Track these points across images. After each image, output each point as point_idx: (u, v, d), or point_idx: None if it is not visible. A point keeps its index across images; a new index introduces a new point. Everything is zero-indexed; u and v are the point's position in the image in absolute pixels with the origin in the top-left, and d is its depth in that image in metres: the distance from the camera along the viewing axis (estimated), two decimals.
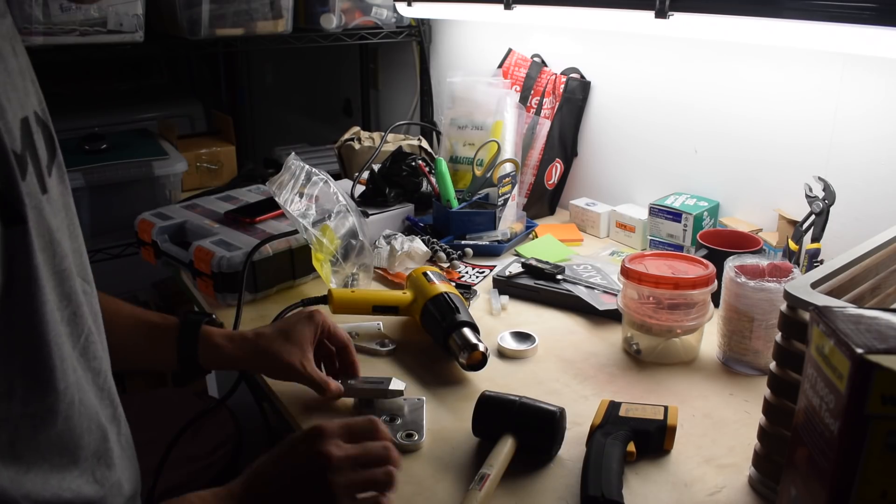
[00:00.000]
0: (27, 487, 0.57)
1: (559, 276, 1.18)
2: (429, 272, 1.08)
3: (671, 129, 1.40)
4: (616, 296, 1.05)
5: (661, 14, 1.10)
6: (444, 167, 1.39)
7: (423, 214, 1.47)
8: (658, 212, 1.30)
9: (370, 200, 1.42)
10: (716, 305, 0.98)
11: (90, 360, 0.67)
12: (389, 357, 1.01)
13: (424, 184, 1.48)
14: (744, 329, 0.93)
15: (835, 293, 0.69)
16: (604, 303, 1.11)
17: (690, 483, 0.75)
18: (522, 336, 1.04)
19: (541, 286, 1.17)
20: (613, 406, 0.82)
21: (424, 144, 1.72)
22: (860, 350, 0.48)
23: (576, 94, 1.54)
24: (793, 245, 1.10)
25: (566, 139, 1.57)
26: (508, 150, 1.46)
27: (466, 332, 0.95)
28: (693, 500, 0.72)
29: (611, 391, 0.91)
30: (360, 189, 1.46)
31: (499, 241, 1.36)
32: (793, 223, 1.15)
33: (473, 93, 1.52)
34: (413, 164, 1.46)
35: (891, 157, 1.06)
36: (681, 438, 0.80)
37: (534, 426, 0.78)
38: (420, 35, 2.00)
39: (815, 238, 1.07)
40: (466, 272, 1.28)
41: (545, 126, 1.53)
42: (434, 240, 1.33)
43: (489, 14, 1.51)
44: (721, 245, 1.09)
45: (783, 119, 1.19)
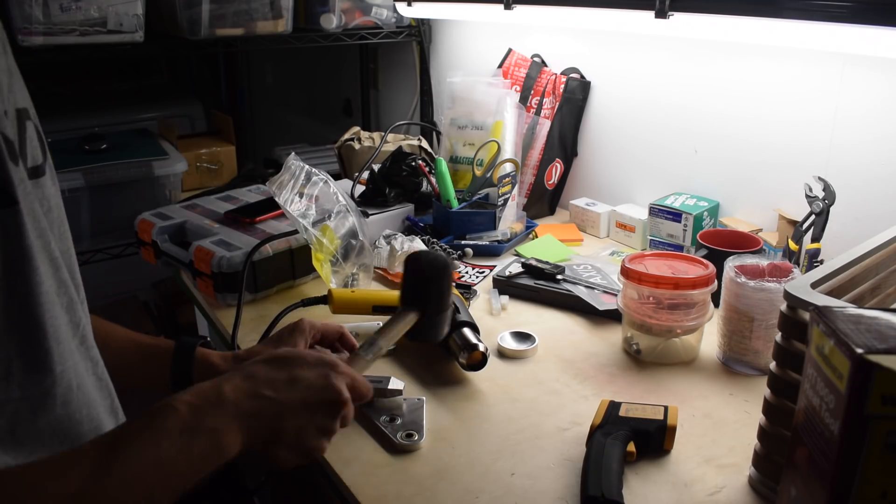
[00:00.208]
0: None
1: (559, 276, 1.18)
2: None
3: (671, 129, 1.40)
4: (616, 296, 1.05)
5: (661, 14, 1.10)
6: (444, 167, 1.39)
7: (423, 214, 1.47)
8: (658, 212, 1.30)
9: (370, 200, 1.42)
10: (716, 305, 0.98)
11: (89, 350, 0.67)
12: (389, 357, 1.01)
13: (424, 184, 1.48)
14: (744, 329, 0.93)
15: (835, 293, 0.69)
16: (604, 303, 1.11)
17: (690, 483, 0.75)
18: (522, 336, 1.04)
19: (541, 286, 1.17)
20: (613, 406, 0.82)
21: (424, 144, 1.72)
22: (860, 350, 0.48)
23: (576, 94, 1.54)
24: (793, 245, 1.10)
25: (566, 139, 1.57)
26: (508, 150, 1.46)
27: (466, 332, 0.95)
28: (693, 500, 0.72)
29: (611, 391, 0.91)
30: (360, 189, 1.46)
31: (499, 241, 1.36)
32: (793, 223, 1.15)
33: (473, 93, 1.52)
34: (413, 164, 1.46)
35: (891, 158, 1.06)
36: (681, 438, 0.80)
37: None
38: (420, 35, 2.00)
39: (815, 238, 1.07)
40: (466, 272, 1.28)
41: (545, 126, 1.53)
42: (434, 240, 1.33)
43: (489, 14, 1.51)
44: (721, 245, 1.09)
45: (783, 119, 1.19)
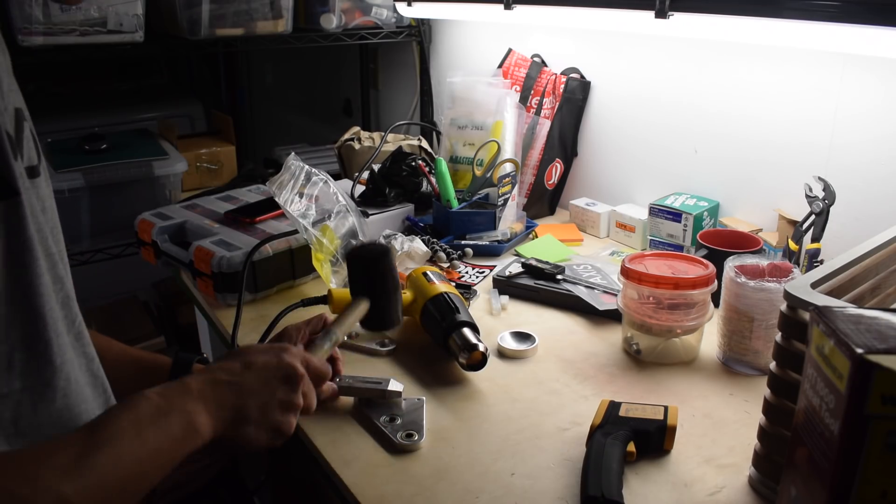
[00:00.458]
0: None
1: (559, 276, 1.18)
2: (428, 272, 1.08)
3: (671, 129, 1.40)
4: (616, 296, 1.05)
5: (661, 14, 1.10)
6: (444, 167, 1.39)
7: (423, 214, 1.47)
8: (658, 212, 1.30)
9: (370, 200, 1.42)
10: (716, 305, 0.98)
11: (84, 346, 0.68)
12: (389, 357, 1.01)
13: (424, 184, 1.48)
14: (744, 329, 0.93)
15: (835, 293, 0.69)
16: (604, 303, 1.11)
17: (690, 483, 0.75)
18: (522, 336, 1.04)
19: (541, 286, 1.17)
20: (613, 406, 0.82)
21: (424, 144, 1.72)
22: (860, 350, 0.48)
23: (576, 94, 1.54)
24: (793, 245, 1.10)
25: (566, 139, 1.57)
26: (508, 150, 1.46)
27: (466, 332, 0.95)
28: (693, 500, 0.72)
29: (611, 391, 0.91)
30: (360, 189, 1.46)
31: (499, 241, 1.36)
32: (793, 223, 1.15)
33: (473, 93, 1.52)
34: (413, 164, 1.46)
35: (891, 157, 1.06)
36: (681, 438, 0.80)
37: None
38: (420, 35, 2.00)
39: (815, 238, 1.07)
40: (466, 272, 1.28)
41: (545, 126, 1.53)
42: (434, 240, 1.33)
43: (489, 14, 1.51)
44: (721, 245, 1.09)
45: (783, 119, 1.19)
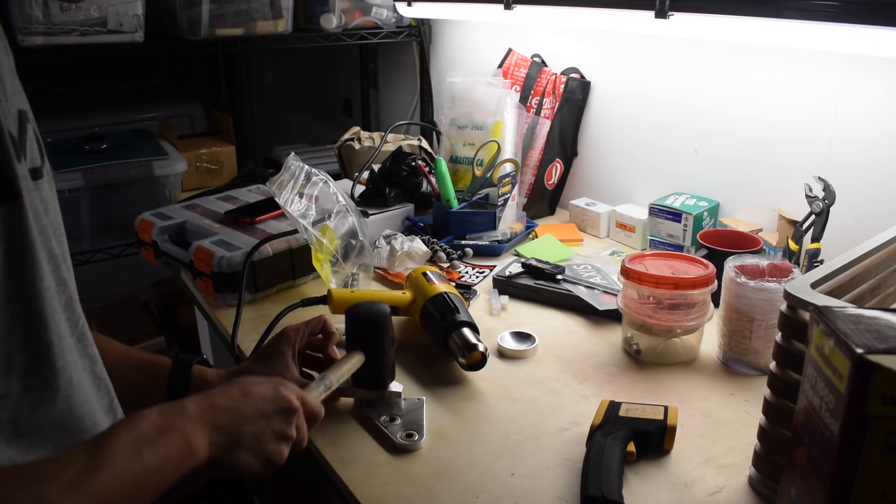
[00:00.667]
0: None
1: (559, 276, 1.18)
2: (428, 272, 1.08)
3: (671, 129, 1.39)
4: (616, 296, 1.05)
5: (661, 14, 1.10)
6: (444, 167, 1.39)
7: (423, 214, 1.47)
8: (658, 212, 1.30)
9: (370, 200, 1.42)
10: (716, 305, 0.98)
11: (87, 348, 0.67)
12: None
13: (424, 184, 1.48)
14: (744, 329, 0.93)
15: (835, 293, 0.69)
16: (604, 303, 1.11)
17: (690, 483, 0.75)
18: (522, 336, 1.04)
19: (541, 286, 1.17)
20: (613, 406, 0.82)
21: (424, 144, 1.72)
22: (860, 350, 0.48)
23: (576, 94, 1.54)
24: (793, 245, 1.10)
25: (566, 139, 1.57)
26: (508, 150, 1.46)
27: (466, 332, 0.95)
28: (693, 500, 0.72)
29: (611, 391, 0.91)
30: (360, 189, 1.46)
31: (499, 241, 1.36)
32: (793, 223, 1.15)
33: (473, 93, 1.52)
34: (413, 164, 1.46)
35: (891, 157, 1.06)
36: (681, 438, 0.80)
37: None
38: (420, 35, 2.00)
39: (815, 238, 1.07)
40: (466, 272, 1.28)
41: (545, 126, 1.53)
42: (434, 240, 1.33)
43: (489, 14, 1.51)
44: (721, 245, 1.09)
45: (783, 119, 1.19)
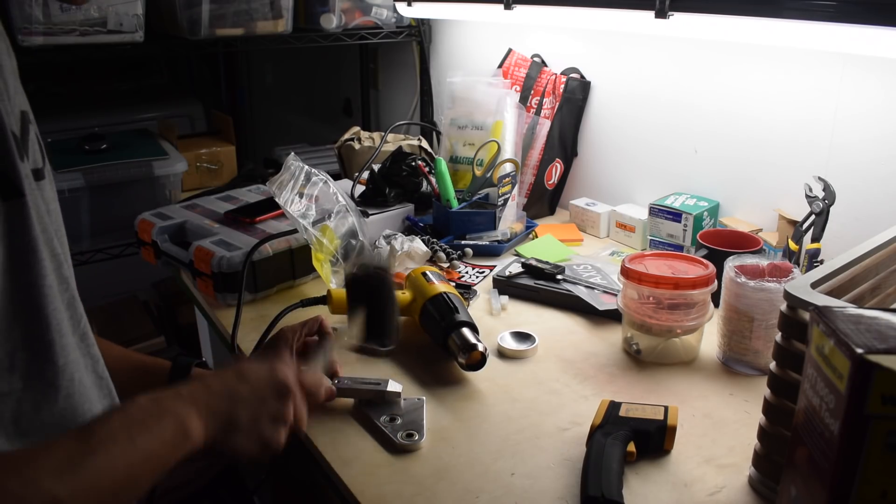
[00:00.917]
0: None
1: (559, 276, 1.18)
2: (428, 272, 1.08)
3: (671, 129, 1.39)
4: (616, 296, 1.05)
5: (661, 14, 1.10)
6: (444, 167, 1.39)
7: (423, 214, 1.47)
8: (658, 212, 1.30)
9: (370, 200, 1.42)
10: (716, 305, 0.98)
11: (89, 347, 0.68)
12: (389, 357, 1.01)
13: (424, 184, 1.48)
14: (744, 329, 0.93)
15: (835, 293, 0.69)
16: (604, 303, 1.11)
17: (690, 483, 0.75)
18: (522, 336, 1.04)
19: (541, 286, 1.17)
20: (614, 406, 0.82)
21: (424, 144, 1.72)
22: (860, 350, 0.48)
23: (576, 94, 1.54)
24: (793, 245, 1.10)
25: (566, 139, 1.57)
26: (508, 150, 1.46)
27: (465, 332, 0.95)
28: (693, 500, 0.72)
29: (611, 391, 0.91)
30: (360, 189, 1.46)
31: (499, 241, 1.36)
32: (793, 223, 1.15)
33: (473, 93, 1.52)
34: (413, 164, 1.46)
35: (891, 157, 1.06)
36: (681, 438, 0.80)
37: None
38: (420, 35, 2.00)
39: (815, 238, 1.07)
40: (466, 272, 1.28)
41: (545, 126, 1.53)
42: (434, 240, 1.33)
43: (489, 14, 1.51)
44: (721, 245, 1.09)
45: (783, 119, 1.19)
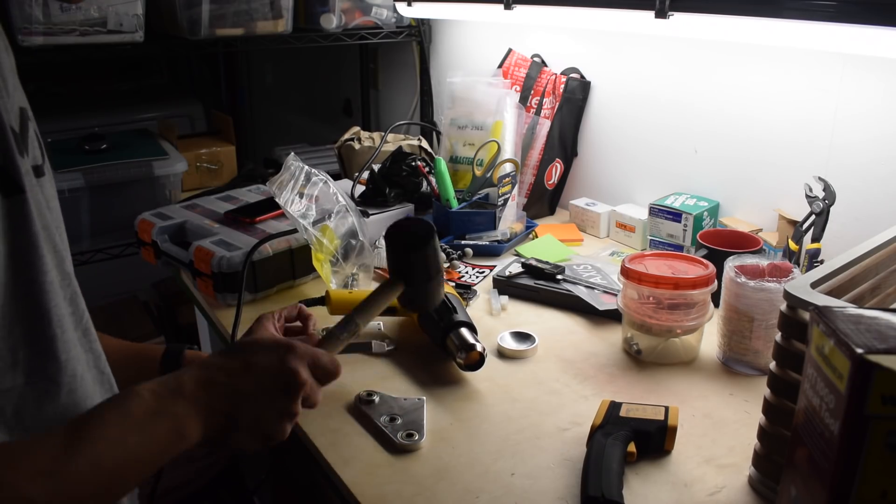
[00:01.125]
0: None
1: (559, 276, 1.18)
2: None
3: (671, 129, 1.39)
4: (616, 296, 1.05)
5: (661, 14, 1.10)
6: (444, 167, 1.39)
7: (423, 214, 1.47)
8: (658, 212, 1.30)
9: (370, 200, 1.42)
10: (716, 305, 0.98)
11: (92, 343, 0.68)
12: (389, 357, 1.01)
13: (424, 184, 1.48)
14: (744, 329, 0.93)
15: (835, 293, 0.69)
16: (604, 303, 1.11)
17: (690, 483, 0.75)
18: (522, 336, 1.04)
19: (541, 286, 1.17)
20: (614, 406, 0.82)
21: (424, 144, 1.72)
22: (860, 350, 0.48)
23: (576, 94, 1.54)
24: (793, 245, 1.10)
25: (566, 139, 1.57)
26: (508, 150, 1.46)
27: (464, 333, 0.95)
28: (693, 500, 0.72)
29: (611, 391, 0.91)
30: (360, 189, 1.46)
31: (499, 241, 1.36)
32: (793, 223, 1.15)
33: (473, 93, 1.52)
34: (413, 164, 1.46)
35: (891, 157, 1.06)
36: (681, 438, 0.80)
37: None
38: (420, 35, 2.00)
39: (815, 238, 1.07)
40: (466, 272, 1.28)
41: (545, 126, 1.53)
42: None
43: (489, 14, 1.51)
44: (721, 245, 1.09)
45: (783, 119, 1.19)
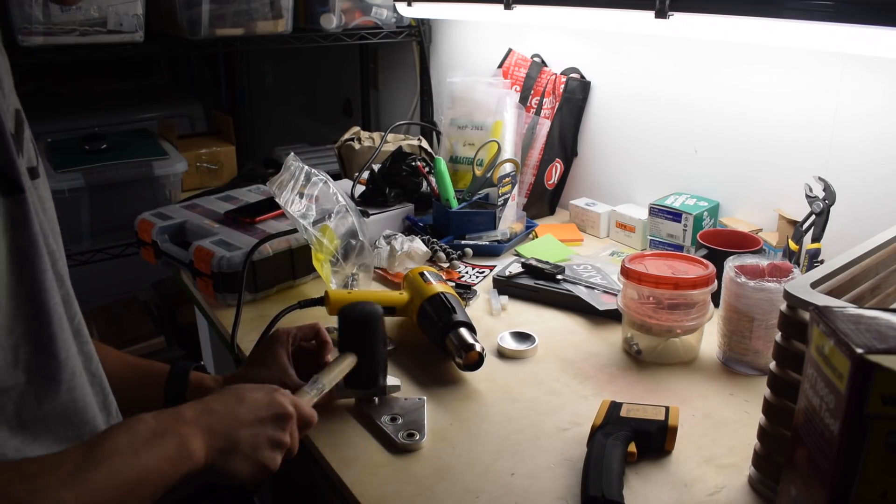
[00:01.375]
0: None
1: (559, 276, 1.18)
2: (425, 272, 1.08)
3: (671, 129, 1.39)
4: (616, 296, 1.05)
5: (661, 14, 1.10)
6: (443, 166, 1.39)
7: (423, 214, 1.47)
8: (658, 212, 1.30)
9: (370, 200, 1.42)
10: (716, 305, 0.98)
11: (83, 345, 0.68)
12: (388, 357, 1.00)
13: (424, 184, 1.48)
14: (744, 329, 0.93)
15: (835, 293, 0.69)
16: (604, 303, 1.11)
17: (690, 483, 0.75)
18: (522, 336, 1.04)
19: (541, 286, 1.17)
20: (614, 406, 0.82)
21: (424, 144, 1.72)
22: (860, 350, 0.48)
23: (576, 94, 1.54)
24: (793, 245, 1.10)
25: (566, 139, 1.57)
26: (508, 150, 1.46)
27: (463, 332, 0.95)
28: (693, 500, 0.72)
29: (611, 391, 0.91)
30: (360, 189, 1.46)
31: (499, 241, 1.36)
32: (793, 223, 1.15)
33: (473, 93, 1.52)
34: (413, 164, 1.46)
35: (891, 157, 1.06)
36: (681, 438, 0.80)
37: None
38: (420, 35, 2.00)
39: (816, 238, 1.07)
40: (466, 272, 1.28)
41: (545, 126, 1.53)
42: (434, 240, 1.33)
43: (489, 14, 1.51)
44: (721, 245, 1.09)
45: (783, 119, 1.19)
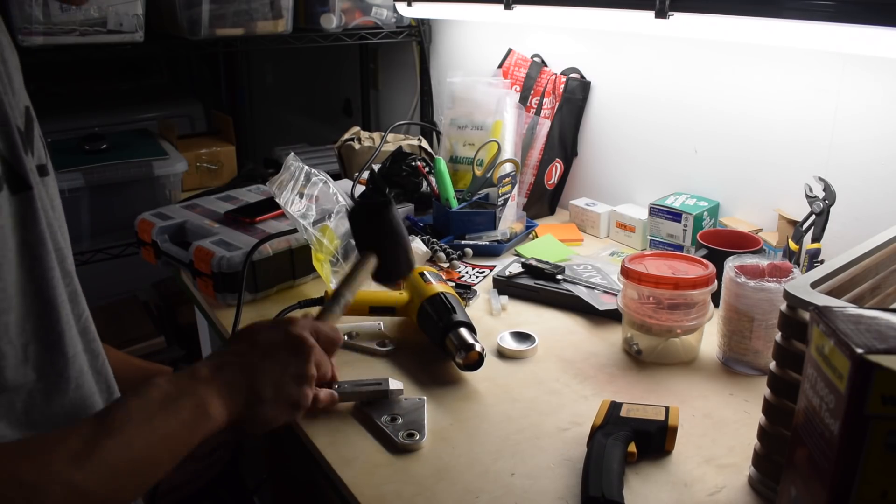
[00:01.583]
0: None
1: (559, 276, 1.18)
2: (425, 272, 1.08)
3: (671, 129, 1.39)
4: (616, 296, 1.05)
5: (661, 14, 1.10)
6: (443, 166, 1.39)
7: (423, 214, 1.47)
8: (658, 212, 1.30)
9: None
10: (716, 305, 0.98)
11: (90, 342, 0.68)
12: (388, 357, 1.01)
13: (424, 184, 1.48)
14: (744, 329, 0.93)
15: (835, 293, 0.69)
16: (604, 303, 1.11)
17: (690, 483, 0.75)
18: (522, 336, 1.04)
19: (541, 286, 1.17)
20: (615, 406, 0.82)
21: (424, 144, 1.72)
22: (860, 350, 0.48)
23: (576, 94, 1.54)
24: (793, 245, 1.10)
25: (566, 139, 1.57)
26: (508, 150, 1.46)
27: (463, 332, 0.95)
28: (693, 500, 0.72)
29: (611, 391, 0.91)
30: (360, 189, 1.46)
31: (499, 241, 1.36)
32: (793, 223, 1.15)
33: (473, 93, 1.52)
34: (413, 164, 1.46)
35: (891, 157, 1.06)
36: (681, 438, 0.80)
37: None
38: (420, 35, 2.00)
39: (816, 238, 1.07)
40: (466, 272, 1.28)
41: (545, 126, 1.53)
42: (434, 240, 1.33)
43: (489, 14, 1.51)
44: (721, 245, 1.09)
45: (783, 119, 1.19)
